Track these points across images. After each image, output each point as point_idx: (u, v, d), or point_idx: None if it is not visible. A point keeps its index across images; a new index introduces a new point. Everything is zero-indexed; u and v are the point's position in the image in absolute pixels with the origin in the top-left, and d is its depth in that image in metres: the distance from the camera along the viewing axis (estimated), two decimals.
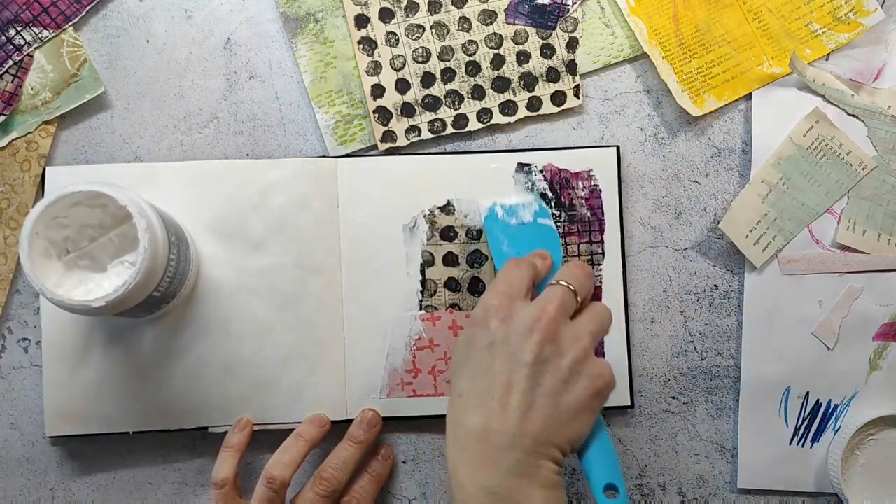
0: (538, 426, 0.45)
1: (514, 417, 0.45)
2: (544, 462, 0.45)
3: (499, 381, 0.46)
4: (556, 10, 0.63)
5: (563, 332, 0.47)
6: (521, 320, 0.47)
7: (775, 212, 0.62)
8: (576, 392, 0.46)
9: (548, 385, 0.46)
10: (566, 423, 0.46)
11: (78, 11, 0.61)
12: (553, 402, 0.46)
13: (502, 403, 0.45)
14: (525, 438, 0.45)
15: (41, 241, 0.50)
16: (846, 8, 0.63)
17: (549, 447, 0.45)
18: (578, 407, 0.46)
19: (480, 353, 0.47)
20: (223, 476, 0.56)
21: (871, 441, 0.62)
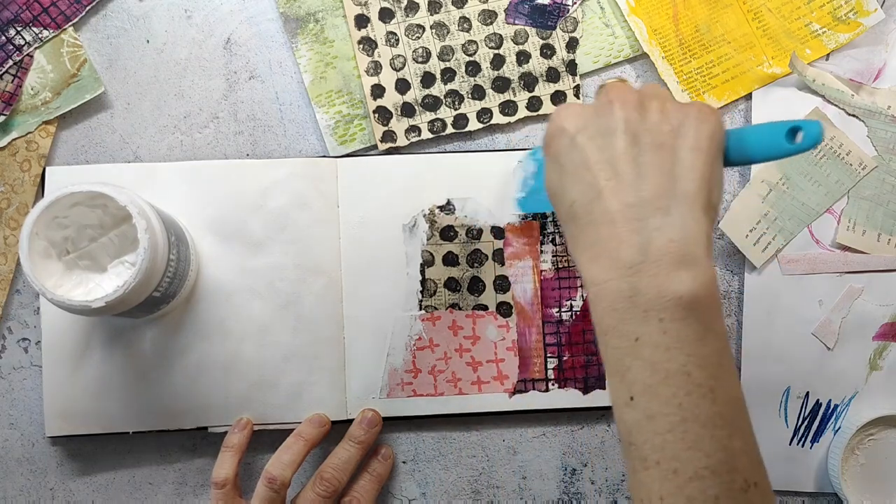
0: (658, 184, 0.40)
1: (631, 188, 0.40)
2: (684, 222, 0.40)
3: (602, 165, 0.41)
4: (556, 10, 0.63)
5: (640, 92, 0.43)
6: (593, 106, 0.43)
7: (775, 212, 0.62)
8: (688, 131, 0.42)
9: (651, 138, 0.41)
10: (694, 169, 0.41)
11: (78, 11, 0.61)
12: (664, 152, 0.41)
13: (615, 182, 0.41)
14: (650, 204, 0.40)
15: (41, 241, 0.50)
16: (846, 8, 0.63)
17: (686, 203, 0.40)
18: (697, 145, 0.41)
19: (570, 155, 0.43)
20: (223, 476, 0.56)
21: (871, 441, 0.62)
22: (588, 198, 0.41)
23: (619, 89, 0.44)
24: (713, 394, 0.38)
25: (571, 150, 0.43)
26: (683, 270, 0.39)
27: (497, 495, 0.62)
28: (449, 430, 0.62)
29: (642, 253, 0.39)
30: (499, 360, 0.61)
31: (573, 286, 0.62)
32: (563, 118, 0.44)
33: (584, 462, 0.62)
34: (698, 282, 0.38)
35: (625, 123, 0.42)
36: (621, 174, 0.41)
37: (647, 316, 0.38)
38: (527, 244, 0.62)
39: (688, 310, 0.38)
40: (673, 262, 0.39)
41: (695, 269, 0.39)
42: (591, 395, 0.61)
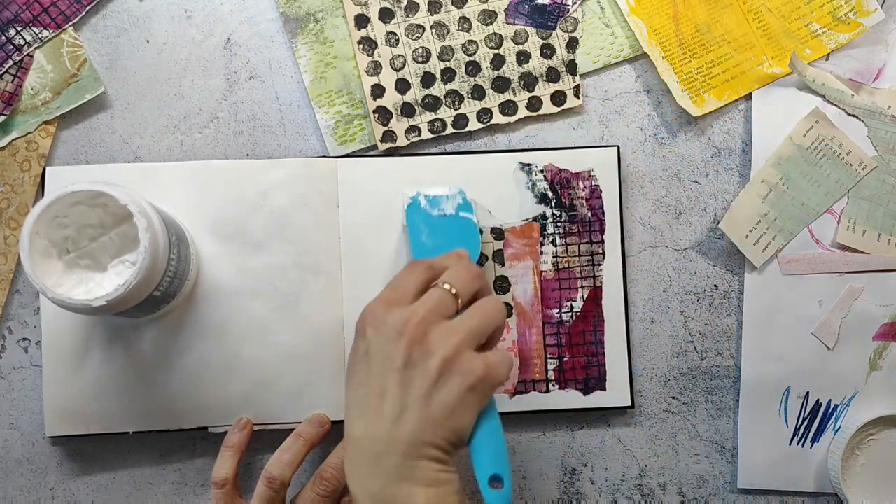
0: (410, 429, 0.45)
1: (388, 423, 0.45)
2: (423, 463, 0.45)
3: (374, 390, 0.46)
4: (556, 10, 0.63)
5: (433, 332, 0.46)
6: (391, 325, 0.47)
7: (775, 212, 0.62)
8: (447, 391, 0.46)
9: (417, 387, 0.45)
10: (441, 423, 0.45)
11: (78, 11, 0.61)
12: (424, 404, 0.45)
13: (377, 411, 0.46)
14: (399, 443, 0.45)
15: (41, 240, 0.50)
16: (846, 8, 0.63)
17: (426, 447, 0.45)
18: (452, 405, 0.46)
19: (360, 363, 0.48)
20: (223, 476, 0.56)
21: (871, 441, 0.62)
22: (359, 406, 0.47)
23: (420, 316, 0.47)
24: None
25: (362, 356, 0.48)
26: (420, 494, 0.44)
27: None
28: None
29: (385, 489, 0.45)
30: None
31: (573, 287, 0.62)
32: (369, 320, 0.48)
33: (584, 462, 0.62)
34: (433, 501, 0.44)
35: (403, 364, 0.46)
36: (385, 408, 0.46)
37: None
38: (527, 245, 0.62)
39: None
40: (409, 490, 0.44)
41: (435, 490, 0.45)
42: (591, 395, 0.61)
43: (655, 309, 0.63)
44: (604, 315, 0.62)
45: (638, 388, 0.63)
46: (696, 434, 0.63)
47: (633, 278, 0.63)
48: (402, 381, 0.46)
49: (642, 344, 0.63)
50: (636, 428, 0.63)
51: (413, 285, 0.49)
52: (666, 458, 0.63)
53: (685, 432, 0.63)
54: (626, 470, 0.63)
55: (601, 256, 0.62)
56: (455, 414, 0.46)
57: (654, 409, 0.63)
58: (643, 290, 0.63)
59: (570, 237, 0.62)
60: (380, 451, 0.45)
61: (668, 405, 0.63)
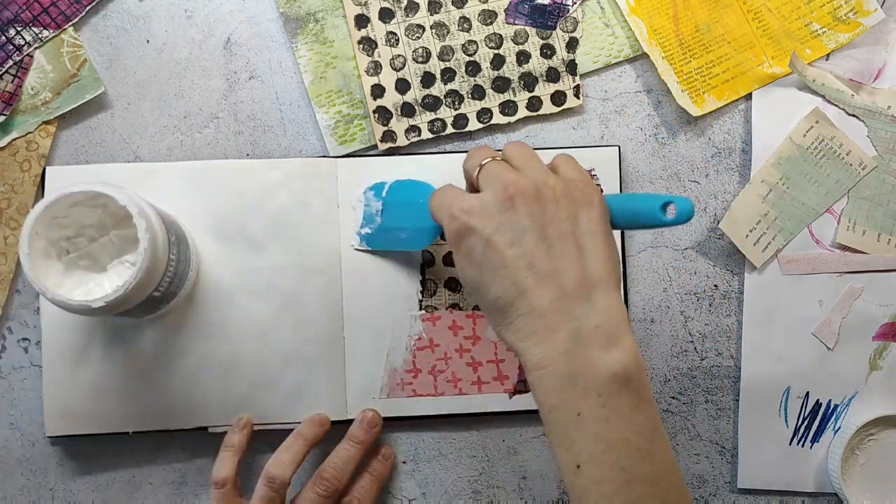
0: (575, 275, 0.44)
1: (552, 282, 0.44)
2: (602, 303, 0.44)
3: (520, 264, 0.44)
4: (556, 10, 0.63)
5: (532, 181, 0.46)
6: (495, 203, 0.45)
7: (775, 212, 0.62)
8: (583, 220, 0.45)
9: (556, 233, 0.44)
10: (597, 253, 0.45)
11: (78, 11, 0.61)
12: (570, 245, 0.44)
13: (536, 279, 0.44)
14: (571, 294, 0.43)
15: (41, 241, 0.50)
16: (846, 8, 0.63)
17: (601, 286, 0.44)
18: (594, 230, 0.45)
19: (486, 255, 0.45)
20: (223, 475, 0.56)
21: (871, 441, 0.62)
22: (512, 295, 0.45)
23: (514, 179, 0.46)
24: (651, 456, 0.43)
25: (486, 251, 0.45)
26: (612, 349, 0.43)
27: (497, 495, 0.62)
28: (449, 430, 0.62)
29: (574, 340, 0.43)
30: (499, 361, 0.61)
31: None
32: (469, 215, 0.46)
33: None
34: (627, 358, 0.43)
35: (531, 219, 0.45)
36: (539, 271, 0.44)
37: (587, 393, 0.43)
38: None
39: (621, 384, 0.42)
40: (601, 344, 0.43)
41: (621, 347, 0.43)
42: None
43: (655, 309, 0.63)
44: None
45: None
46: (696, 434, 0.63)
47: (633, 278, 0.63)
48: (539, 237, 0.45)
49: (642, 344, 0.63)
50: None
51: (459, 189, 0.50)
52: None
53: (685, 432, 0.63)
54: None
55: None
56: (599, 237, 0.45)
57: None
58: (643, 290, 0.63)
59: None
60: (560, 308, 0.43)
61: (668, 405, 0.63)
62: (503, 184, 0.46)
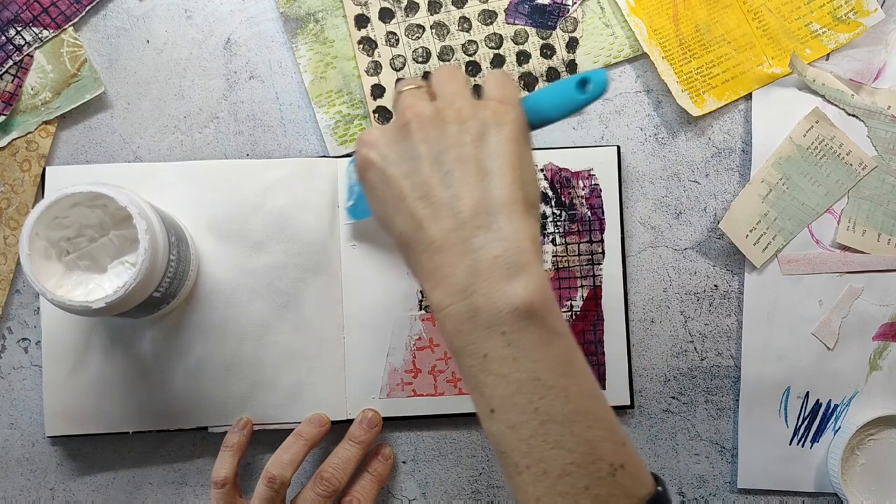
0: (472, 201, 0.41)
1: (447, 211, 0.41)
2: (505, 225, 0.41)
3: (415, 194, 0.42)
4: (556, 10, 0.63)
5: (433, 107, 0.43)
6: (391, 132, 0.44)
7: (775, 212, 0.62)
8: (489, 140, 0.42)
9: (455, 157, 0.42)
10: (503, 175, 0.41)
11: (78, 11, 0.61)
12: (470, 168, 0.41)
13: (432, 210, 0.41)
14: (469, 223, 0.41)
15: (41, 241, 0.50)
16: (846, 8, 0.63)
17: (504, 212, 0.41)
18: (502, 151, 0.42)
19: (385, 188, 0.43)
20: (223, 475, 0.56)
21: (871, 441, 0.62)
22: (412, 228, 0.42)
23: (413, 103, 0.44)
24: (566, 392, 0.39)
25: (383, 183, 0.43)
26: (514, 281, 0.40)
27: (497, 495, 0.62)
28: (449, 430, 0.62)
29: (472, 274, 0.40)
30: None
31: (573, 286, 0.62)
32: (368, 147, 0.44)
33: None
34: (531, 289, 0.40)
35: (425, 145, 0.42)
36: (434, 200, 0.41)
37: (490, 332, 0.40)
38: None
39: (526, 318, 0.39)
40: (503, 276, 0.40)
41: (525, 277, 0.40)
42: None
43: (655, 309, 0.63)
44: (603, 315, 0.62)
45: (638, 388, 0.63)
46: (696, 434, 0.63)
47: (633, 278, 0.63)
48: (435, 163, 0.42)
49: (642, 344, 0.63)
50: (636, 428, 0.63)
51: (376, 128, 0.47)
52: (666, 458, 0.63)
53: (685, 432, 0.63)
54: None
55: (601, 256, 0.62)
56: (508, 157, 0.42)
57: (654, 408, 0.63)
58: (643, 290, 0.63)
59: (570, 236, 0.62)
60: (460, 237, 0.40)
61: (668, 405, 0.63)
62: (401, 109, 0.43)
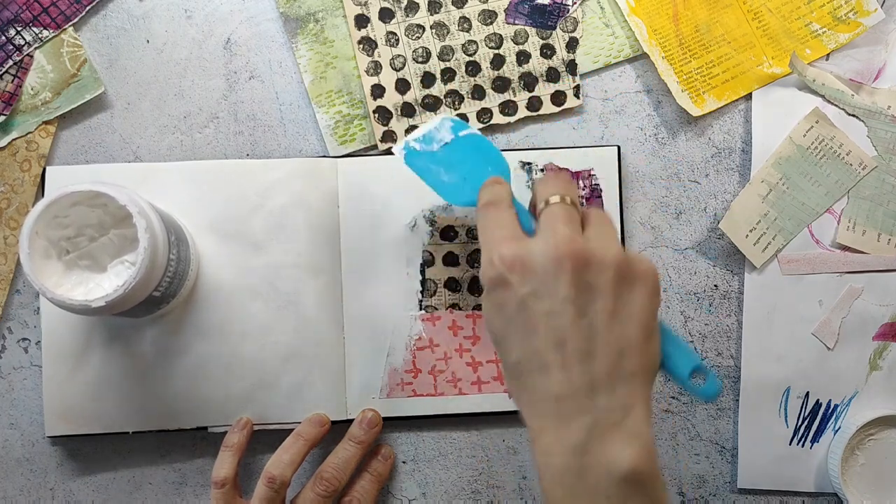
0: (608, 363, 0.40)
1: (580, 366, 0.40)
2: (627, 401, 0.40)
3: (550, 337, 0.40)
4: (556, 10, 0.63)
5: (588, 248, 0.41)
6: (538, 259, 0.41)
7: (775, 212, 0.62)
8: (633, 303, 0.41)
9: (600, 310, 0.40)
10: (636, 342, 0.41)
11: (78, 11, 0.61)
12: (613, 327, 0.40)
13: (563, 358, 0.40)
14: (599, 383, 0.40)
15: (41, 240, 0.50)
16: (846, 8, 0.63)
17: (631, 379, 0.40)
18: (643, 319, 0.41)
19: (517, 315, 0.41)
20: (223, 475, 0.56)
21: (871, 441, 0.62)
22: (534, 365, 0.41)
23: (570, 235, 0.42)
24: None
25: (518, 309, 0.41)
26: (628, 447, 0.39)
27: (497, 495, 0.62)
28: (449, 430, 0.62)
29: (588, 433, 0.40)
30: (499, 361, 0.61)
31: None
32: (510, 268, 0.42)
33: None
34: (642, 458, 0.39)
35: (576, 290, 0.40)
36: (569, 352, 0.40)
37: (595, 494, 0.39)
38: None
39: (633, 486, 0.39)
40: (618, 441, 0.39)
41: (638, 446, 0.39)
42: None
43: None
44: None
45: None
46: (696, 434, 0.63)
47: None
48: (579, 313, 0.40)
49: None
50: None
51: (511, 220, 0.44)
52: (666, 458, 0.63)
53: (685, 432, 0.63)
54: None
55: None
56: (646, 329, 0.41)
57: (654, 409, 0.63)
58: None
59: None
60: (579, 399, 0.40)
61: (668, 405, 0.63)
62: (557, 240, 0.41)
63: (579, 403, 0.40)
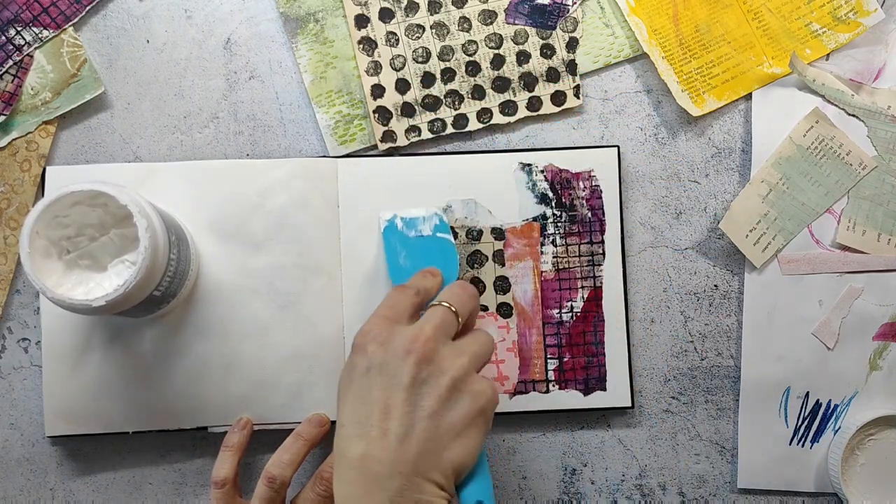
0: (418, 449, 0.44)
1: (393, 442, 0.44)
2: (427, 486, 0.44)
3: (378, 407, 0.45)
4: (556, 10, 0.63)
5: (442, 351, 0.46)
6: (398, 342, 0.46)
7: (775, 212, 0.62)
8: (458, 411, 0.45)
9: (427, 406, 0.45)
10: (448, 445, 0.45)
11: (78, 11, 0.61)
12: (434, 423, 0.44)
13: (381, 429, 0.44)
14: (405, 464, 0.43)
15: (41, 240, 0.50)
16: (846, 8, 0.63)
17: (432, 471, 0.44)
18: (461, 426, 0.45)
19: (360, 379, 0.46)
20: (223, 475, 0.56)
21: (871, 441, 0.62)
22: (356, 430, 0.45)
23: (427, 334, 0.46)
24: None
25: (363, 374, 0.46)
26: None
27: (497, 495, 0.62)
28: None
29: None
30: (499, 361, 0.61)
31: (573, 287, 0.62)
32: (373, 338, 0.47)
33: (584, 462, 0.62)
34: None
35: (411, 382, 0.45)
36: (390, 425, 0.44)
37: None
38: (527, 245, 0.62)
39: None
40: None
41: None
42: (591, 396, 0.61)
43: (655, 309, 0.63)
44: (604, 315, 0.62)
45: (638, 389, 0.63)
46: (696, 434, 0.63)
47: (633, 278, 0.63)
48: (410, 398, 0.44)
49: (642, 344, 0.63)
50: (636, 428, 0.63)
51: (407, 306, 0.49)
52: (666, 458, 0.63)
53: (685, 432, 0.63)
54: (626, 470, 0.63)
55: (601, 256, 0.62)
56: (463, 437, 0.45)
57: (654, 409, 0.63)
58: (643, 290, 0.63)
59: (571, 237, 0.62)
60: (382, 472, 0.43)
61: (668, 405, 0.63)
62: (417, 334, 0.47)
63: (380, 480, 0.43)
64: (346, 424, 0.46)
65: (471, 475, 0.47)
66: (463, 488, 0.47)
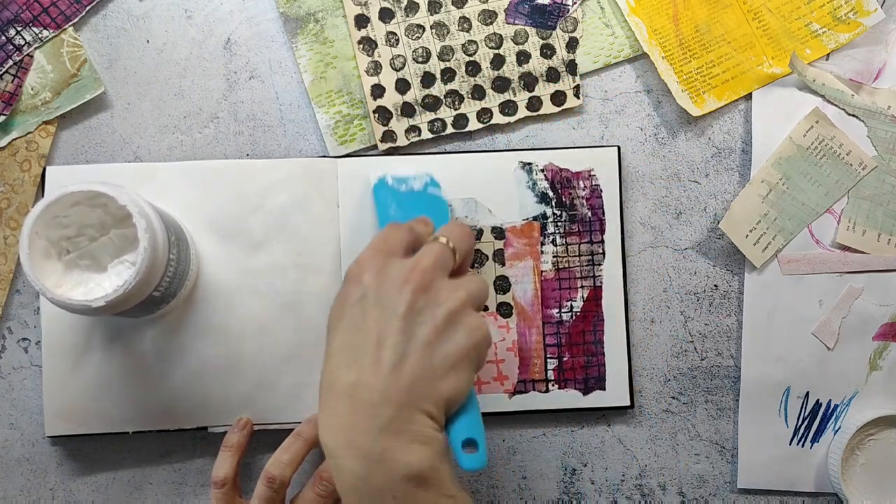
0: (411, 378, 0.42)
1: (386, 370, 0.42)
2: (419, 417, 0.42)
3: (371, 335, 0.43)
4: (556, 10, 0.63)
5: (439, 283, 0.45)
6: (395, 272, 0.45)
7: (775, 212, 0.62)
8: (452, 343, 0.44)
9: (422, 335, 0.43)
10: (442, 377, 0.43)
11: (78, 11, 0.61)
12: (428, 353, 0.43)
13: (374, 358, 0.43)
14: (398, 392, 0.42)
15: (41, 240, 0.50)
16: (846, 8, 0.63)
17: (424, 401, 0.43)
18: (455, 359, 0.44)
19: (353, 308, 0.45)
20: (223, 475, 0.56)
21: (871, 441, 0.62)
22: (346, 359, 0.44)
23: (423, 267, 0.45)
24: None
25: (356, 303, 0.45)
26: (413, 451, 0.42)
27: (497, 495, 0.62)
28: None
29: (376, 442, 0.41)
30: (499, 361, 0.61)
31: (573, 287, 0.62)
32: (368, 269, 0.46)
33: (584, 462, 0.62)
34: (425, 460, 0.42)
35: (407, 312, 0.44)
36: (384, 353, 0.43)
37: (382, 495, 0.41)
38: (527, 245, 0.62)
39: (418, 485, 0.41)
40: (404, 446, 0.42)
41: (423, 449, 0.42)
42: (591, 395, 0.61)
43: (655, 309, 0.63)
44: (604, 315, 0.62)
45: (638, 388, 0.63)
46: (696, 434, 0.63)
47: (633, 278, 0.63)
48: (404, 328, 0.43)
49: (642, 344, 0.63)
50: (636, 428, 0.63)
51: (401, 240, 0.48)
52: (666, 458, 0.63)
53: (685, 432, 0.63)
54: (626, 470, 0.63)
55: (601, 256, 0.62)
56: (456, 370, 0.44)
57: (654, 409, 0.63)
58: (643, 290, 0.63)
59: (571, 237, 0.62)
60: (373, 400, 0.42)
61: (668, 405, 0.63)
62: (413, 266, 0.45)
63: (371, 407, 0.42)
64: (336, 354, 0.45)
65: (460, 413, 0.46)
66: (452, 425, 0.46)
